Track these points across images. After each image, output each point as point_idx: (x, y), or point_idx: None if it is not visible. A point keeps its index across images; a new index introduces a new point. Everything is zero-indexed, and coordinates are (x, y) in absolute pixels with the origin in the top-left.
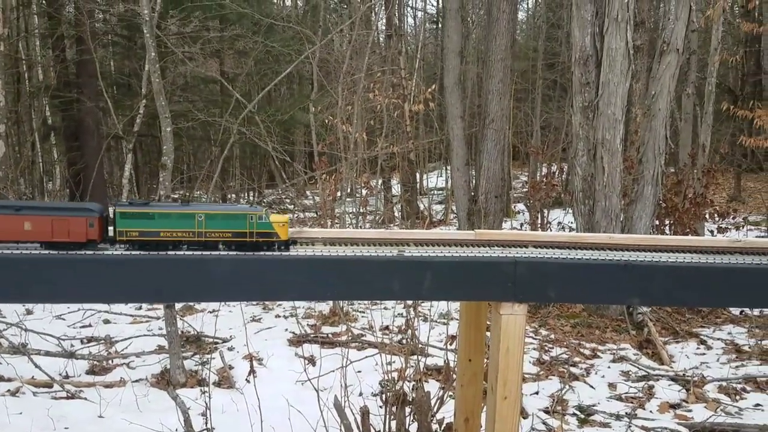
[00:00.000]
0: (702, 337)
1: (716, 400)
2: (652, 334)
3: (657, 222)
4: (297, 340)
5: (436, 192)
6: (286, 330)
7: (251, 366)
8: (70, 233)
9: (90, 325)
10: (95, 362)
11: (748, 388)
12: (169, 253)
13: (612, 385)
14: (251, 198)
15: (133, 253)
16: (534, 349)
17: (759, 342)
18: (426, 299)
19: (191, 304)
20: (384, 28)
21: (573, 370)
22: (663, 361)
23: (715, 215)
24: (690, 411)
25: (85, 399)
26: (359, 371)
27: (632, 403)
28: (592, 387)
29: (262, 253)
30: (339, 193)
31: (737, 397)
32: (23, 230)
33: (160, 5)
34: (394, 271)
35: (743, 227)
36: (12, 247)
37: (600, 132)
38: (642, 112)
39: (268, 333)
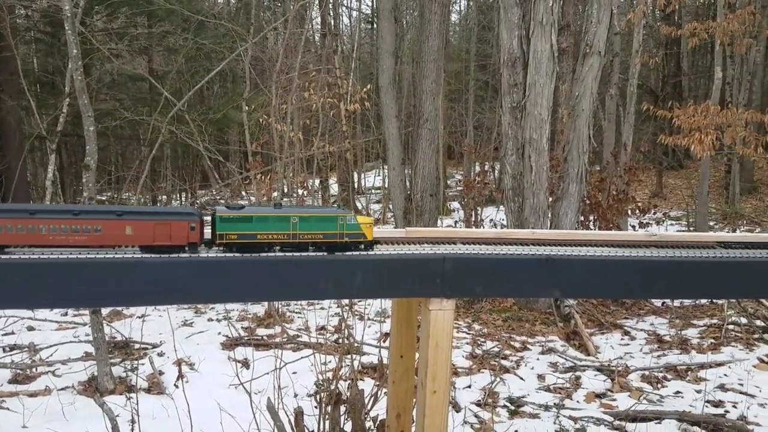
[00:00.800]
0: (626, 328)
1: (639, 389)
2: (579, 326)
3: (582, 218)
4: (230, 344)
5: (374, 191)
6: (219, 333)
7: (179, 371)
8: (171, 237)
9: (13, 333)
10: (18, 371)
11: (669, 377)
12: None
13: (541, 377)
14: (183, 200)
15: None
16: (467, 343)
17: (679, 332)
18: (358, 298)
19: (119, 309)
20: (319, 27)
21: (504, 363)
22: (589, 352)
23: (637, 211)
24: (615, 400)
25: (8, 409)
26: (294, 372)
27: (560, 393)
28: (522, 379)
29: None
30: (274, 194)
31: (659, 385)
32: (125, 235)
33: (85, 1)
34: (326, 271)
35: (664, 222)
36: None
37: (528, 132)
38: (567, 113)
39: (201, 337)
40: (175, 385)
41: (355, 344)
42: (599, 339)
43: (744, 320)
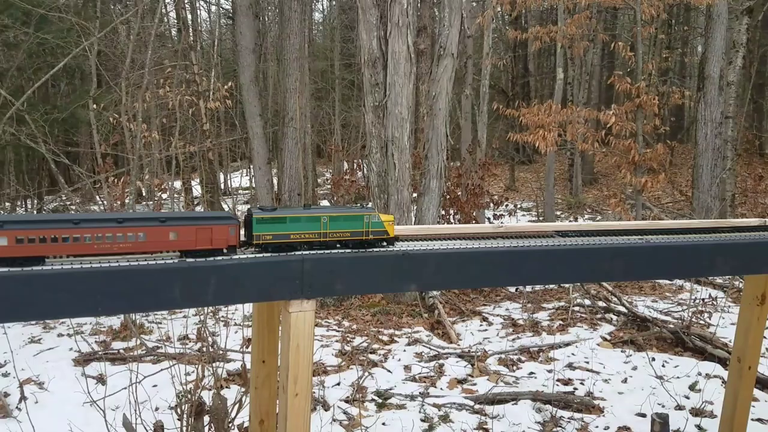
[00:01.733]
0: (484, 314)
1: (497, 372)
2: (442, 316)
3: (443, 212)
4: (84, 359)
5: (241, 192)
6: (71, 349)
7: (21, 392)
8: (212, 241)
9: None
10: None
11: (523, 358)
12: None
13: (407, 368)
14: (29, 207)
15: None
16: (337, 341)
17: (531, 316)
18: (213, 305)
19: None
20: (175, 21)
21: (372, 357)
22: (451, 339)
23: (492, 204)
24: (475, 384)
25: None
26: (155, 385)
27: (425, 382)
28: (389, 371)
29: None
30: (128, 198)
31: (514, 368)
32: (168, 241)
33: None
34: (176, 279)
35: (516, 213)
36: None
37: (390, 130)
38: (426, 112)
39: (51, 354)
40: (17, 407)
41: (219, 351)
42: (461, 327)
43: (588, 302)
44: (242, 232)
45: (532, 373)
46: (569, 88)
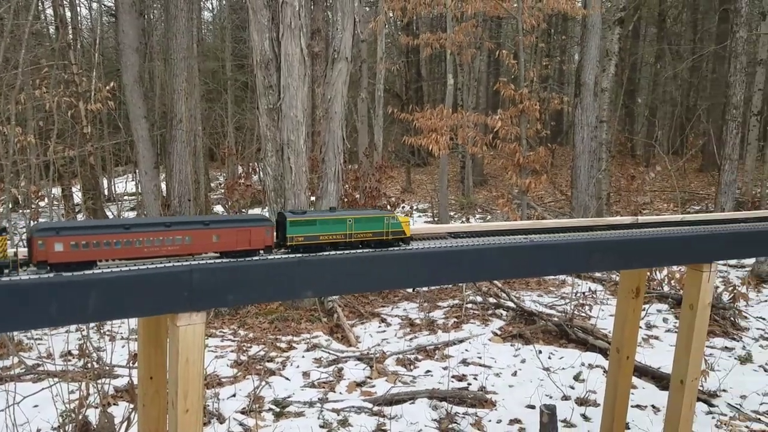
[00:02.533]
0: (383, 315)
1: (395, 373)
2: (341, 319)
3: None
4: None
5: (127, 198)
6: None
7: None
8: (251, 242)
9: None
10: None
11: (420, 357)
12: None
13: (306, 374)
14: None
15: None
16: (232, 351)
17: (427, 314)
18: (94, 321)
19: None
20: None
21: (270, 365)
22: (350, 342)
23: (388, 206)
24: (374, 386)
25: None
26: (36, 406)
27: (324, 387)
28: (287, 379)
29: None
30: (2, 207)
31: (412, 367)
32: (212, 243)
33: None
34: (51, 295)
35: (412, 215)
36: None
37: (285, 133)
38: (322, 115)
39: None
40: None
41: (105, 367)
42: (360, 329)
43: (480, 299)
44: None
45: (428, 371)
46: (459, 93)
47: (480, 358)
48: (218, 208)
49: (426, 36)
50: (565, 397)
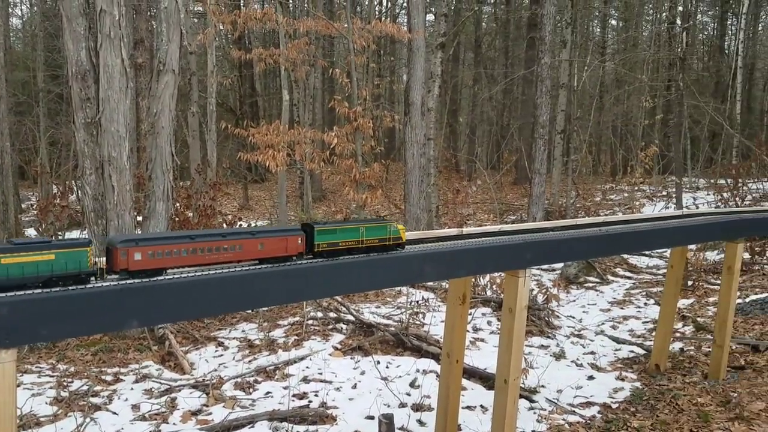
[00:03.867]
0: (219, 339)
1: (233, 398)
2: (173, 346)
3: None
4: None
5: None
6: None
7: None
8: (287, 249)
9: None
10: None
11: (260, 379)
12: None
13: (136, 407)
14: None
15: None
16: (51, 387)
17: (267, 334)
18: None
19: None
20: None
21: (94, 400)
22: (184, 370)
23: (225, 224)
24: (210, 414)
25: None
26: None
27: (156, 419)
28: (115, 413)
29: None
30: None
31: (251, 390)
32: (258, 250)
33: None
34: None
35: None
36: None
37: (105, 149)
38: (147, 130)
39: None
40: None
41: None
42: (194, 355)
43: (320, 314)
44: None
45: (268, 392)
46: (295, 110)
47: (321, 373)
48: (30, 231)
49: (259, 51)
50: (402, 404)
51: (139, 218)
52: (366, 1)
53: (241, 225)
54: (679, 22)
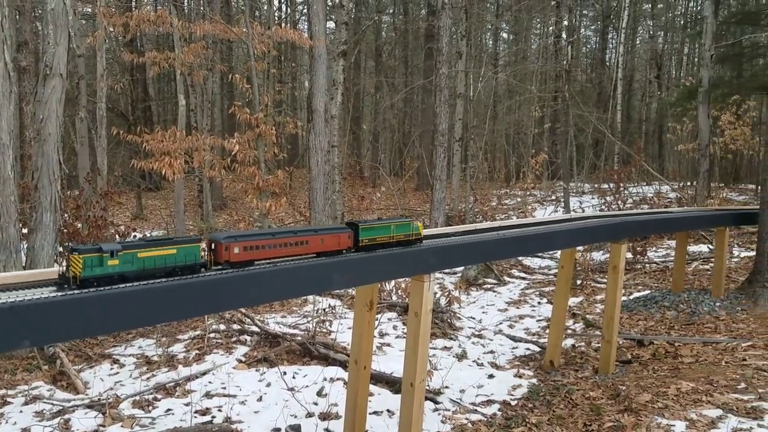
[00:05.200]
0: (115, 356)
1: (132, 416)
2: (65, 365)
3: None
4: None
5: None
6: None
7: None
8: (340, 244)
9: None
10: None
11: (160, 396)
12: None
13: (26, 430)
14: None
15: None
16: None
17: (166, 350)
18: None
19: None
20: None
21: None
22: (78, 390)
23: (117, 235)
24: None
25: None
26: None
27: None
28: None
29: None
30: None
31: (150, 408)
32: (320, 245)
33: None
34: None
35: None
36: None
37: None
38: (33, 137)
39: None
40: None
41: None
42: (88, 374)
43: (223, 327)
44: None
45: (169, 409)
46: (193, 115)
47: (224, 388)
48: None
49: (152, 54)
50: (310, 414)
51: (25, 230)
52: (265, 7)
53: (135, 236)
54: (564, 36)
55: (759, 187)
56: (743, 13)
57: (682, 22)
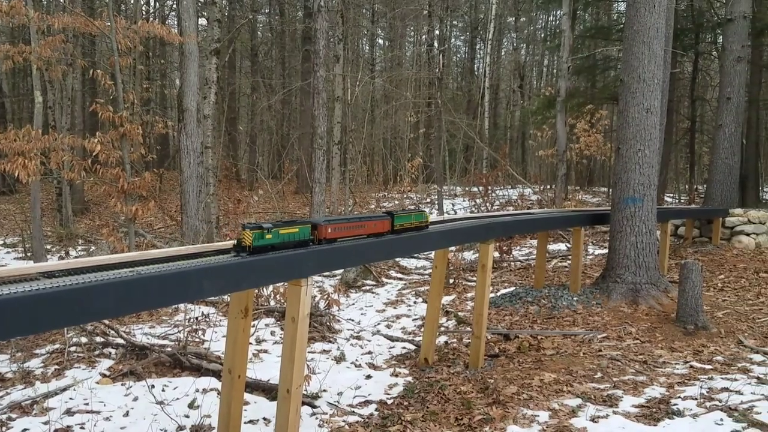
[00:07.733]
0: None
1: None
2: None
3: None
4: None
5: None
6: None
7: None
8: (383, 227)
9: None
10: None
11: (14, 416)
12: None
13: None
14: None
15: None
16: None
17: (21, 365)
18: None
19: None
20: None
21: None
22: None
23: None
24: None
25: None
26: None
27: None
28: None
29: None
30: None
31: (4, 428)
32: (373, 227)
33: None
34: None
35: None
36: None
37: None
38: None
39: None
40: None
41: None
42: None
43: (85, 339)
44: None
45: (26, 429)
46: (51, 113)
47: (87, 404)
48: None
49: (5, 47)
50: (181, 428)
51: None
52: (131, 0)
53: None
54: (436, 44)
55: (610, 190)
56: (597, 28)
57: (542, 35)
